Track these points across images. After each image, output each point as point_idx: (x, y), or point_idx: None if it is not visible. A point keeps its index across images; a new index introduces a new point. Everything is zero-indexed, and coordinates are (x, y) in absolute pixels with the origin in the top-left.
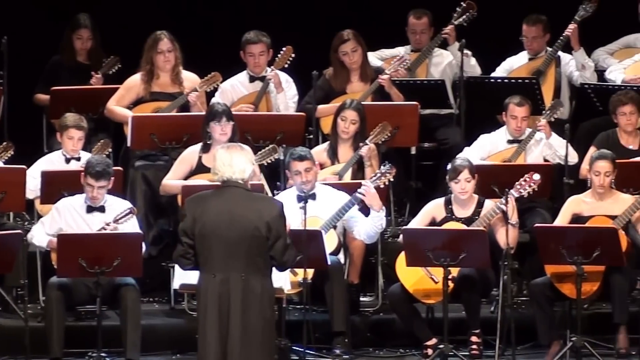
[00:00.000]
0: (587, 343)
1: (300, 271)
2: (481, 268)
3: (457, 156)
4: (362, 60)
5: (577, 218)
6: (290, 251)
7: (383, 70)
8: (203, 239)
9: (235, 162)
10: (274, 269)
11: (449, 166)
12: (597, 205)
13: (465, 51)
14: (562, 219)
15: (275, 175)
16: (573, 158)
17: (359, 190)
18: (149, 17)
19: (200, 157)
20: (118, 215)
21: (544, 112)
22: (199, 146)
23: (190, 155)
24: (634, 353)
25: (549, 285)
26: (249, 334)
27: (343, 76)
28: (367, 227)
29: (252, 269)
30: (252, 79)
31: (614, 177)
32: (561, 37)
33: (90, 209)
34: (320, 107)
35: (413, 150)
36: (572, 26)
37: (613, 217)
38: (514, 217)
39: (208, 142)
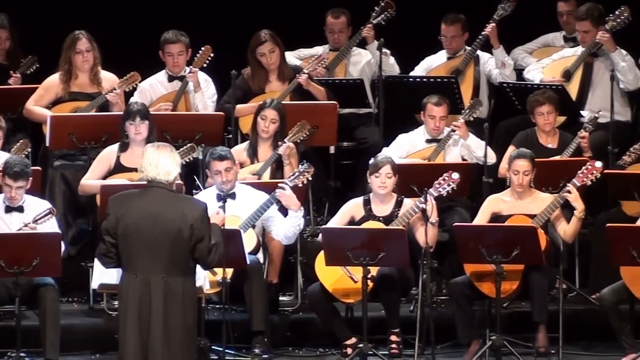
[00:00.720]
0: (506, 342)
1: (219, 270)
2: (400, 267)
3: (380, 154)
4: (279, 60)
5: (496, 217)
6: (215, 252)
7: (301, 69)
8: (125, 238)
9: (162, 163)
10: (197, 267)
11: (371, 161)
12: (516, 204)
13: (384, 50)
14: (481, 218)
15: (195, 174)
16: (491, 158)
17: (276, 190)
18: (68, 16)
19: (118, 157)
20: (37, 216)
21: (462, 111)
22: (116, 146)
23: (108, 155)
24: (553, 352)
25: (468, 284)
26: (171, 335)
27: (261, 76)
28: (285, 227)
29: (174, 270)
30: (170, 79)
31: (532, 176)
32: (480, 36)
33: (8, 209)
34: (238, 106)
35: (332, 150)
36: (490, 25)
37: (532, 216)
38: (433, 216)
39: (125, 142)
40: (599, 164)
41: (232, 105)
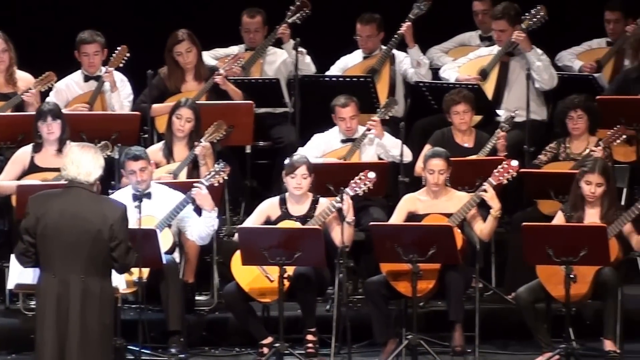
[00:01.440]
0: (422, 341)
1: (135, 270)
2: (317, 266)
3: (295, 153)
4: (196, 60)
5: (412, 216)
6: (132, 254)
7: (217, 69)
8: (45, 238)
9: (84, 164)
10: (113, 270)
11: (287, 161)
12: (432, 203)
13: (300, 49)
14: (397, 217)
15: (110, 173)
16: (407, 157)
17: (192, 189)
18: None
19: (32, 157)
20: None
21: (378, 110)
22: (30, 146)
23: (22, 155)
24: (469, 351)
25: (384, 283)
26: (88, 336)
27: (177, 75)
28: (200, 228)
29: (92, 270)
30: (86, 79)
31: (448, 175)
32: (395, 35)
33: None
34: (155, 106)
35: (248, 149)
36: (406, 24)
37: (448, 215)
38: (349, 216)
39: (39, 142)
40: (515, 162)
41: (149, 104)
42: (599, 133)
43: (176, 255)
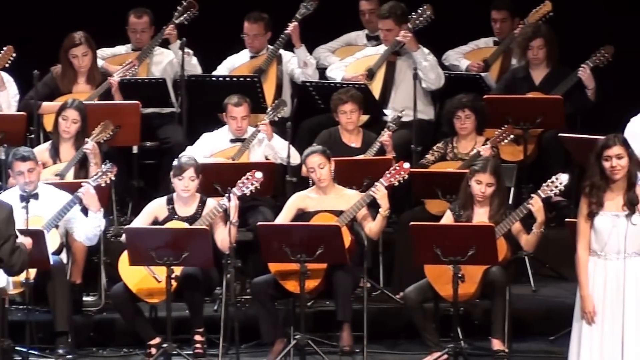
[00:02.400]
0: (310, 341)
1: None
2: (204, 267)
3: (183, 154)
4: (91, 64)
5: (302, 214)
6: (18, 254)
7: (110, 74)
8: None
9: None
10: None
11: (175, 162)
12: (321, 200)
13: (187, 50)
14: (286, 215)
15: None
16: (295, 158)
17: (79, 190)
18: None
19: None
20: None
21: (267, 111)
22: None
23: None
24: (357, 350)
25: (272, 283)
26: None
27: (70, 76)
28: (87, 228)
29: None
30: None
31: (331, 168)
32: (282, 35)
33: None
34: (44, 104)
35: (135, 149)
36: (292, 24)
37: (338, 212)
38: (234, 216)
39: None
40: (407, 165)
41: (35, 104)
42: (487, 132)
43: (63, 256)
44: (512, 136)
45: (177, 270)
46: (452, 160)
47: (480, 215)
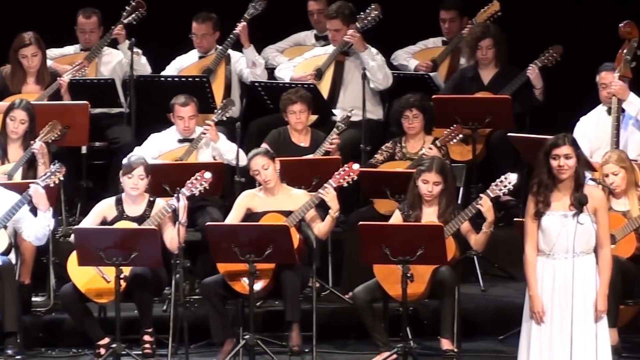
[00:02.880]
0: (259, 341)
1: None
2: (153, 267)
3: (132, 154)
4: (40, 64)
5: (250, 214)
6: None
7: (60, 74)
8: None
9: None
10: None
11: (124, 161)
12: (269, 200)
13: (135, 50)
14: (235, 214)
15: None
16: (243, 160)
17: (28, 189)
18: None
19: None
20: None
21: (215, 111)
22: None
23: None
24: (307, 350)
25: (221, 283)
26: None
27: (20, 77)
28: (36, 228)
29: None
30: None
31: (277, 168)
32: (231, 35)
33: None
34: None
35: (84, 150)
36: (241, 24)
37: (286, 213)
38: (183, 217)
39: None
40: (356, 166)
41: None
42: (435, 132)
43: (12, 256)
44: (460, 136)
45: (126, 271)
46: (401, 159)
47: (429, 215)
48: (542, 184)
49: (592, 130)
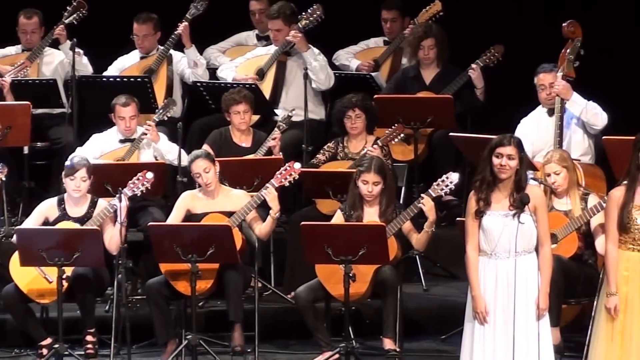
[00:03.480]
0: (202, 341)
1: None
2: (95, 267)
3: (75, 154)
4: None
5: (191, 215)
6: None
7: (1, 74)
8: None
9: None
10: None
11: (67, 162)
12: (209, 202)
13: (77, 50)
14: (176, 214)
15: None
16: (185, 160)
17: None
18: None
19: None
20: None
21: (157, 110)
22: None
23: None
24: (249, 350)
25: (164, 283)
26: None
27: None
28: None
29: None
30: None
31: (217, 170)
32: (172, 35)
33: None
34: None
35: (26, 150)
36: (183, 25)
37: (227, 213)
38: (123, 217)
39: None
40: (297, 165)
41: None
42: (377, 132)
43: None
44: (402, 135)
45: (68, 271)
46: (343, 159)
47: (371, 215)
48: (484, 181)
49: (533, 132)
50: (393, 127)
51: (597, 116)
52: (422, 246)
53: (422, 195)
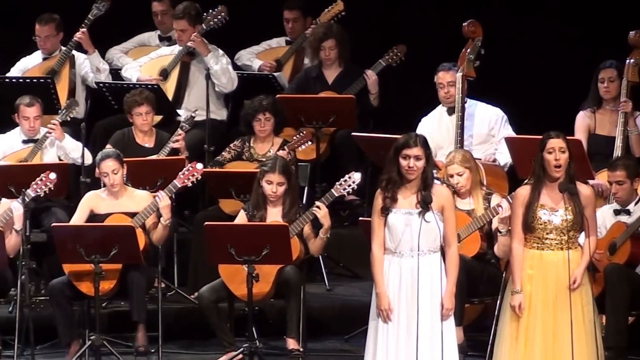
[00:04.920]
0: (106, 341)
1: None
2: None
3: None
4: None
5: (94, 215)
6: None
7: None
8: None
9: None
10: None
11: None
12: (113, 202)
13: None
14: (79, 215)
15: None
16: (88, 159)
17: None
18: None
19: None
20: None
21: (59, 111)
22: None
23: None
24: (153, 351)
25: (67, 284)
26: None
27: None
28: None
29: None
30: None
31: (124, 173)
32: (75, 37)
33: None
34: None
35: None
36: (81, 31)
37: (130, 214)
38: (19, 224)
39: None
40: (200, 166)
41: None
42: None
43: None
44: (309, 142)
45: None
46: (249, 160)
47: (274, 215)
48: (390, 180)
49: (434, 130)
50: (301, 133)
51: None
52: (316, 252)
53: (317, 203)
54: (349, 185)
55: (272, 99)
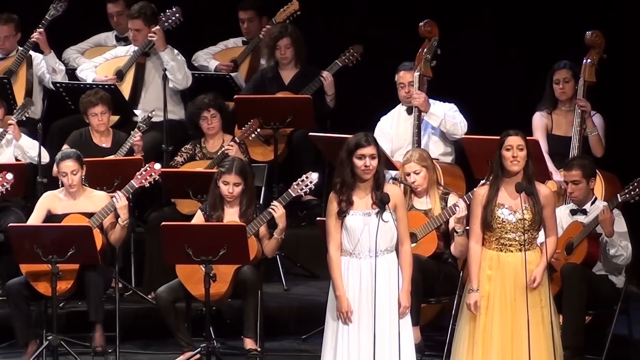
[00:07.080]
0: (63, 342)
1: None
2: None
3: None
4: None
5: (51, 216)
6: None
7: None
8: None
9: None
10: None
11: None
12: (71, 202)
13: None
14: (36, 215)
15: None
16: (45, 158)
17: None
18: None
19: None
20: None
21: (15, 111)
22: None
23: None
24: (110, 351)
25: (25, 284)
26: None
27: None
28: None
29: None
30: None
31: (83, 174)
32: (32, 37)
33: None
34: None
35: None
36: (38, 31)
37: (88, 214)
38: None
39: None
40: (157, 166)
41: None
42: (237, 133)
43: None
44: (259, 130)
45: None
46: (202, 159)
47: (231, 215)
48: (345, 183)
49: (393, 129)
50: (249, 122)
51: (457, 125)
52: (271, 252)
53: (274, 202)
54: (306, 185)
55: (213, 95)
